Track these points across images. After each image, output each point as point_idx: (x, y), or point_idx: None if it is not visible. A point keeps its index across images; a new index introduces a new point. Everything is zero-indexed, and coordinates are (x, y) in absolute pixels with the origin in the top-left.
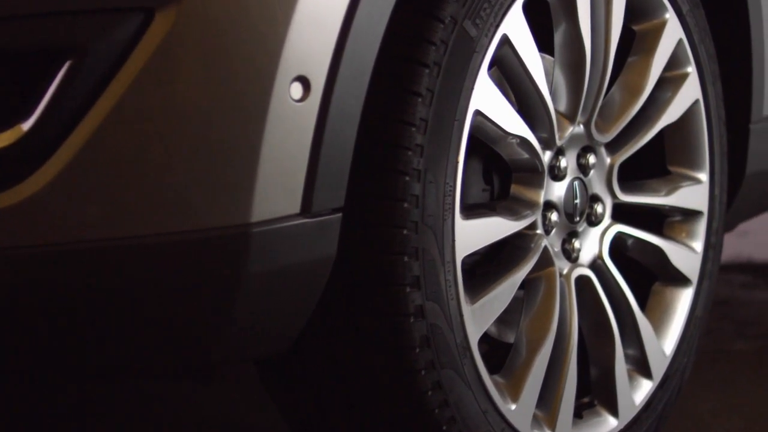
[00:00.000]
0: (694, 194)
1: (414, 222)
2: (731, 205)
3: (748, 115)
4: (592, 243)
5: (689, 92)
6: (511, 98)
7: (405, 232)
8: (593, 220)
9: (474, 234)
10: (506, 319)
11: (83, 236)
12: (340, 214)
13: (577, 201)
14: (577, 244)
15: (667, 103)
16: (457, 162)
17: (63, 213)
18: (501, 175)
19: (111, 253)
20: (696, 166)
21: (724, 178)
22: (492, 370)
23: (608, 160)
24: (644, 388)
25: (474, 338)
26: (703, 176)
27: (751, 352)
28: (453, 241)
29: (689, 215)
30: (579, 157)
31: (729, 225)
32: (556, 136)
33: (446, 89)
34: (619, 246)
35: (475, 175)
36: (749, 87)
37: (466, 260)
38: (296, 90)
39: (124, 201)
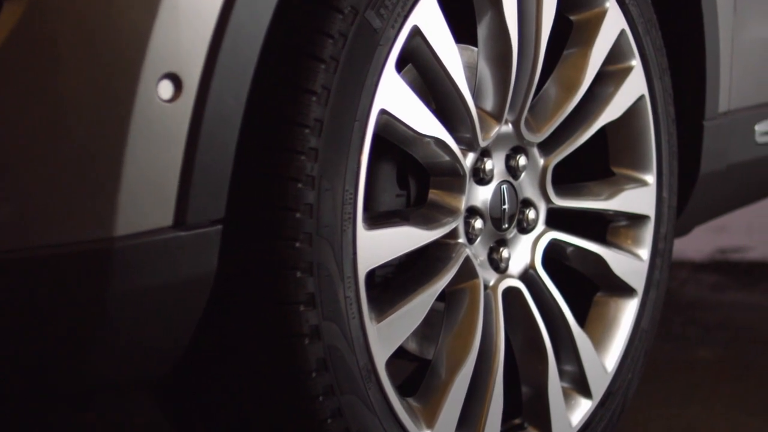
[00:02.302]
0: (639, 197)
1: (308, 233)
2: (684, 207)
3: (701, 112)
4: (524, 252)
5: (633, 87)
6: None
7: (297, 244)
8: (525, 227)
9: (379, 246)
10: (430, 334)
11: None
12: (220, 227)
13: (506, 206)
14: (505, 253)
15: (608, 99)
16: (358, 167)
17: None
18: (418, 179)
19: None
20: (642, 167)
21: (673, 179)
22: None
23: (541, 162)
24: (582, 408)
25: (381, 359)
26: (650, 178)
27: (714, 360)
28: (354, 254)
29: (635, 220)
30: (508, 158)
31: (683, 229)
32: (479, 137)
33: (345, 86)
34: (558, 254)
35: (388, 180)
36: (702, 81)
37: (380, 272)
38: (165, 89)
39: None
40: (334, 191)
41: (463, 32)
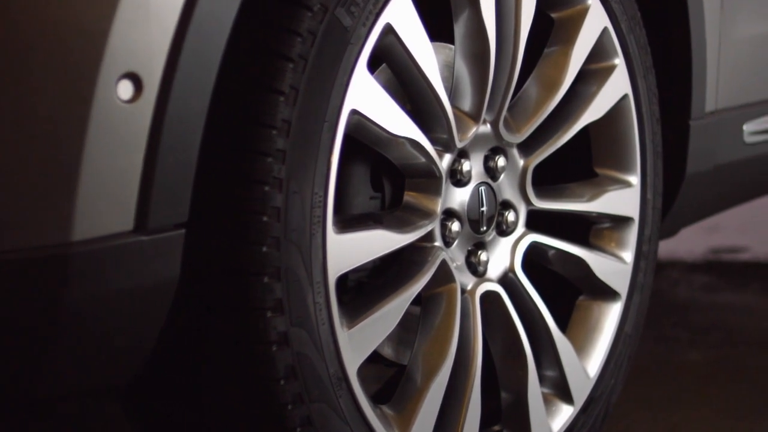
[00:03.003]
0: (623, 199)
1: (275, 238)
2: (670, 209)
3: (687, 111)
4: (503, 255)
5: (617, 86)
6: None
7: (264, 249)
8: (504, 230)
9: (351, 250)
10: (406, 339)
11: None
12: (183, 231)
13: (484, 208)
14: (483, 256)
15: (590, 98)
16: (327, 169)
17: None
18: (393, 181)
19: None
20: (625, 167)
21: (658, 180)
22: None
23: (521, 163)
24: (564, 414)
25: (352, 366)
26: (634, 179)
27: (704, 363)
28: (324, 258)
29: (618, 222)
30: (487, 159)
31: (669, 231)
32: (456, 137)
33: (314, 86)
34: (539, 258)
35: (361, 182)
36: (688, 80)
37: (353, 276)
38: (125, 89)
39: None
40: (303, 194)
41: (441, 30)
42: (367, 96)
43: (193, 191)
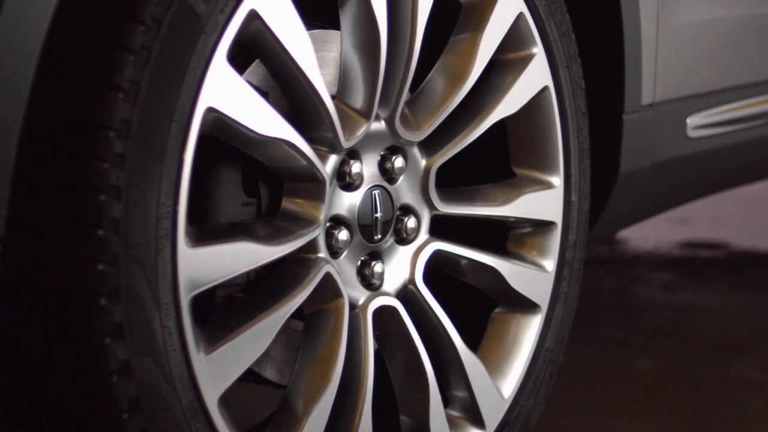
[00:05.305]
0: (542, 201)
1: (113, 254)
2: (602, 212)
3: (620, 104)
4: (401, 265)
5: (535, 77)
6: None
7: (101, 267)
8: (404, 237)
9: (209, 265)
10: (293, 359)
11: None
12: None
13: (379, 214)
14: (378, 267)
15: (504, 90)
16: (178, 175)
17: None
18: (272, 185)
19: None
20: (546, 167)
21: (584, 180)
22: None
23: (423, 163)
24: None
25: (212, 396)
26: (556, 179)
27: (651, 372)
28: (174, 275)
29: (539, 227)
30: (383, 160)
31: (602, 235)
32: (342, 136)
33: (160, 81)
34: (448, 268)
35: (231, 187)
36: (621, 70)
37: (222, 292)
38: None
39: None
40: (146, 204)
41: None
42: (227, 92)
43: (12, 202)
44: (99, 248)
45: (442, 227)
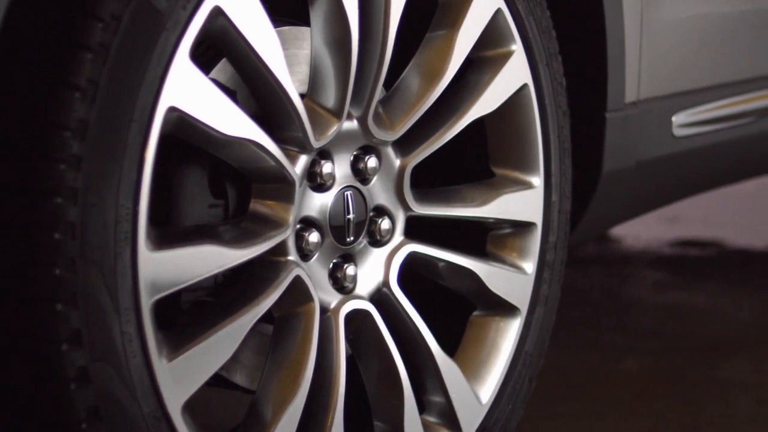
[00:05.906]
0: (522, 202)
1: (70, 258)
2: (584, 212)
3: (603, 102)
4: (375, 268)
5: (514, 75)
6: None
7: (57, 271)
8: (378, 239)
9: (171, 269)
10: (262, 364)
11: None
12: None
13: (351, 216)
14: (351, 270)
15: (481, 89)
16: (138, 176)
17: None
18: (240, 186)
19: None
20: (526, 166)
21: (565, 180)
22: None
23: (397, 163)
24: None
25: (175, 404)
26: (536, 179)
27: (638, 373)
28: (134, 280)
29: (519, 228)
30: (356, 160)
31: (586, 236)
32: (311, 136)
33: (119, 80)
34: (425, 270)
35: (197, 188)
36: (604, 67)
37: (187, 296)
38: None
39: None
40: (105, 207)
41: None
42: (189, 91)
43: None
44: (55, 252)
45: (418, 229)
